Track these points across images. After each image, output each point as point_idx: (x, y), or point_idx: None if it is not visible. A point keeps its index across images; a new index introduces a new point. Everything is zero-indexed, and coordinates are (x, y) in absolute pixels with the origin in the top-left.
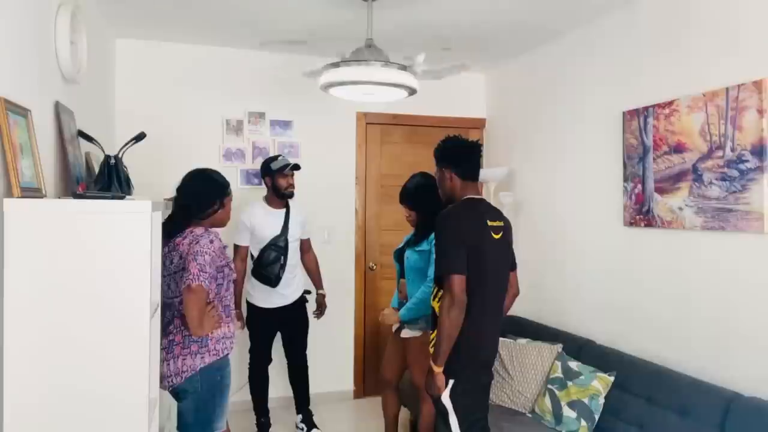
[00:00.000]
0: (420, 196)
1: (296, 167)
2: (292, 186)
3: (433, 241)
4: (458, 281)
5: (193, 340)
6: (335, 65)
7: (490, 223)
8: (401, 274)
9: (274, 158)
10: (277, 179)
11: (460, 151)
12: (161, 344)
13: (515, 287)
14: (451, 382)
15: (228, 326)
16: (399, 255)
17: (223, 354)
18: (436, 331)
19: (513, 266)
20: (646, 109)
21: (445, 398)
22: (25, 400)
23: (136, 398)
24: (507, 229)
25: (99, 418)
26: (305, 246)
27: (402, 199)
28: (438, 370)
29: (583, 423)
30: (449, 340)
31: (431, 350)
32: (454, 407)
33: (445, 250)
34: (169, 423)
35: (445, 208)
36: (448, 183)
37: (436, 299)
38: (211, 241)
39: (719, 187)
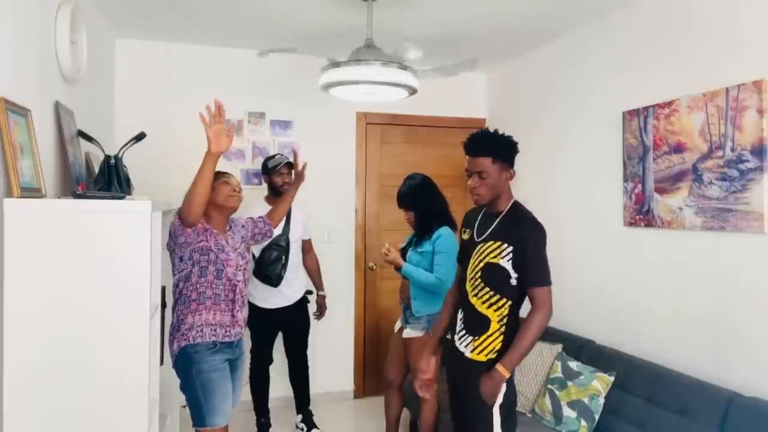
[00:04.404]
0: (415, 197)
1: (290, 165)
2: (287, 184)
3: (435, 242)
4: (550, 294)
5: (174, 324)
6: (335, 65)
7: None
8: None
9: (272, 157)
10: (272, 177)
11: (515, 149)
12: None
13: None
14: (504, 388)
15: (205, 314)
16: (402, 255)
17: (194, 341)
18: (493, 336)
19: None
20: (646, 109)
21: (496, 408)
22: (25, 399)
23: (136, 398)
24: None
25: (99, 418)
26: (306, 246)
27: (399, 202)
28: (507, 375)
29: (583, 423)
30: (530, 349)
31: (490, 355)
32: (500, 416)
33: (543, 261)
34: (171, 417)
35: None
36: (505, 183)
37: (492, 307)
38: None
39: (719, 187)
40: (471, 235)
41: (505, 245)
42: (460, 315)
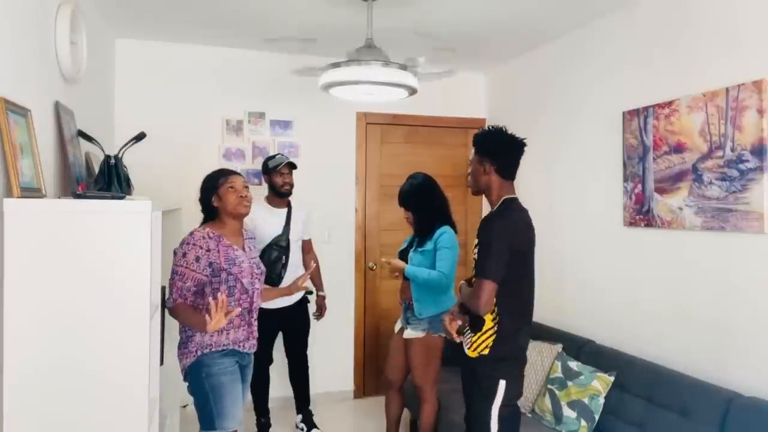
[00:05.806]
0: (417, 197)
1: (291, 165)
2: (288, 184)
3: (437, 240)
4: (489, 289)
5: (182, 341)
6: (335, 65)
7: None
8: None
9: (272, 157)
10: (273, 177)
11: (504, 146)
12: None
13: None
14: (502, 384)
15: (216, 336)
16: (403, 256)
17: (202, 352)
18: (487, 333)
19: None
20: (646, 109)
21: (495, 407)
22: (25, 401)
23: (136, 398)
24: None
25: (99, 418)
26: (306, 247)
27: (400, 201)
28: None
29: (583, 423)
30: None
31: (482, 351)
32: (498, 415)
33: (487, 255)
34: (171, 417)
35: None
36: (484, 176)
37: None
38: (194, 241)
39: (719, 187)
40: None
41: (477, 241)
42: (467, 316)
